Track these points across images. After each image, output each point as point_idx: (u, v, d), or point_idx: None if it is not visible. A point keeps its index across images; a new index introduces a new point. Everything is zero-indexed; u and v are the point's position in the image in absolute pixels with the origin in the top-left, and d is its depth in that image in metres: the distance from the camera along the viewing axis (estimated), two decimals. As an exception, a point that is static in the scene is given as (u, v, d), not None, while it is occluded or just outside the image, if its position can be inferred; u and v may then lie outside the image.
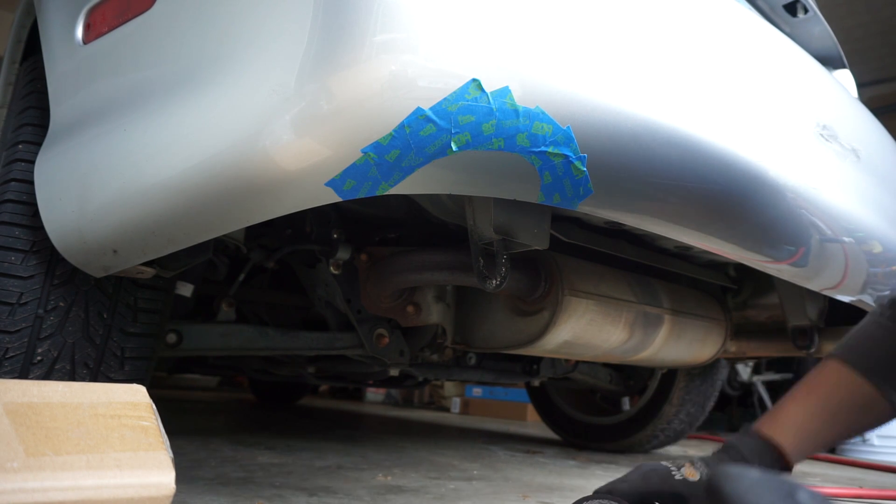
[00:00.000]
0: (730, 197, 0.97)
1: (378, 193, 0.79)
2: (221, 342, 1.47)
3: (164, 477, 0.69)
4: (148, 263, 1.03)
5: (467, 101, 0.74)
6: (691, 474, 0.73)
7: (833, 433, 0.75)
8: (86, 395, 0.72)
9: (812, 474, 2.23)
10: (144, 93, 0.90)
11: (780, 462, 0.72)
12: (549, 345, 1.38)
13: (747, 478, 0.48)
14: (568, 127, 0.79)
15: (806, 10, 1.53)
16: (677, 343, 1.63)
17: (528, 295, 1.35)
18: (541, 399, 2.70)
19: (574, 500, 0.65)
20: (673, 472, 0.74)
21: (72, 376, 1.06)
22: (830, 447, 0.81)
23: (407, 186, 0.80)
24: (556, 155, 0.80)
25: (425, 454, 1.97)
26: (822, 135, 1.19)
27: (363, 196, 0.79)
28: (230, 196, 0.81)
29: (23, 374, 1.02)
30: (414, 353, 1.54)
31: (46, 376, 1.04)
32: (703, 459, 0.76)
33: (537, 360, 2.03)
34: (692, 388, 2.27)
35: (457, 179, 0.81)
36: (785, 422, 0.74)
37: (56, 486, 0.63)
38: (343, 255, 1.40)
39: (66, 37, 1.06)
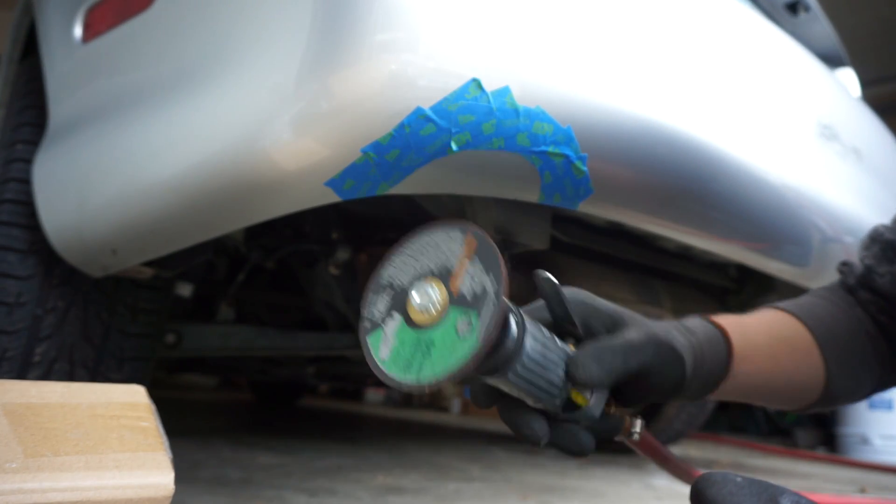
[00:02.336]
0: (730, 197, 0.97)
1: (378, 193, 0.79)
2: (221, 342, 1.47)
3: (163, 478, 0.69)
4: (147, 263, 1.02)
5: (467, 100, 0.74)
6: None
7: (772, 357, 0.66)
8: (85, 396, 0.71)
9: (813, 475, 2.23)
10: (143, 92, 0.90)
11: (725, 346, 0.63)
12: (549, 345, 1.38)
13: (730, 482, 0.48)
14: (568, 126, 0.79)
15: (807, 9, 1.53)
16: (678, 343, 1.62)
17: (529, 295, 1.35)
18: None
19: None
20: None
21: (70, 377, 1.06)
22: (773, 393, 0.71)
23: (407, 186, 0.79)
24: (556, 155, 0.80)
25: (425, 455, 1.97)
26: (823, 134, 1.18)
27: (363, 196, 0.79)
28: (229, 196, 0.81)
29: (21, 375, 1.02)
30: (414, 354, 1.54)
31: (45, 377, 1.04)
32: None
33: (537, 360, 2.03)
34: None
35: (457, 179, 0.81)
36: (724, 318, 0.66)
37: (55, 486, 0.63)
38: (343, 255, 1.40)
39: (64, 36, 1.05)
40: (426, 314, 0.43)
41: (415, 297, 0.44)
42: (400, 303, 0.45)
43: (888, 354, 0.71)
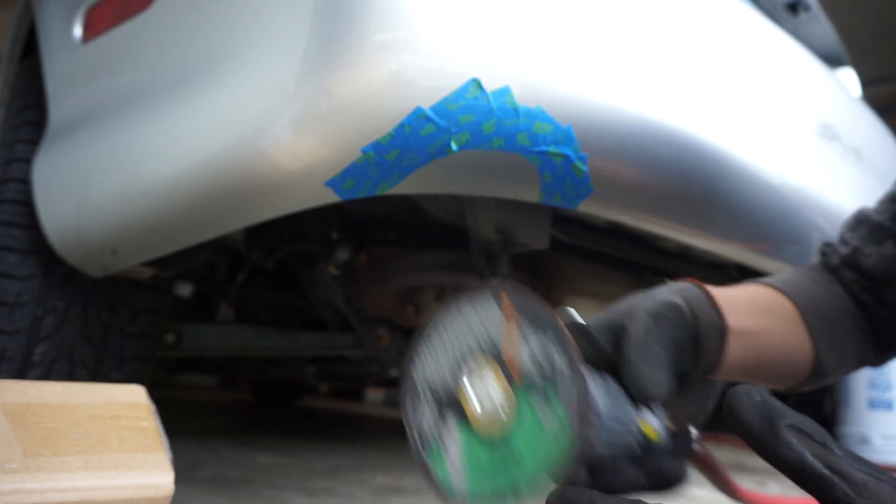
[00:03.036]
0: (731, 197, 0.97)
1: (378, 193, 0.79)
2: (221, 342, 1.47)
3: (163, 478, 0.69)
4: (147, 264, 1.02)
5: (467, 100, 0.74)
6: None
7: (762, 329, 0.67)
8: (84, 396, 0.71)
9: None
10: (143, 92, 0.90)
11: (716, 315, 0.61)
12: (549, 345, 1.38)
13: (745, 395, 0.48)
14: (568, 126, 0.79)
15: (807, 9, 1.53)
16: (678, 343, 1.62)
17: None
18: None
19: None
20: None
21: (70, 377, 1.06)
22: (764, 368, 0.70)
23: (407, 186, 0.79)
24: (556, 154, 0.80)
25: (425, 454, 1.96)
26: (823, 134, 1.18)
27: (363, 196, 0.79)
28: (229, 196, 0.81)
29: (21, 375, 1.02)
30: (414, 354, 1.54)
31: (45, 377, 1.04)
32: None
33: (537, 360, 2.03)
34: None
35: (457, 179, 0.81)
36: (716, 291, 0.67)
37: (54, 486, 0.63)
38: (343, 255, 1.40)
39: (64, 36, 1.05)
40: (495, 420, 0.35)
41: (473, 399, 0.36)
42: (450, 404, 0.37)
43: (868, 331, 0.72)
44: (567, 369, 0.33)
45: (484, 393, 0.35)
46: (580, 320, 0.44)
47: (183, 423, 2.45)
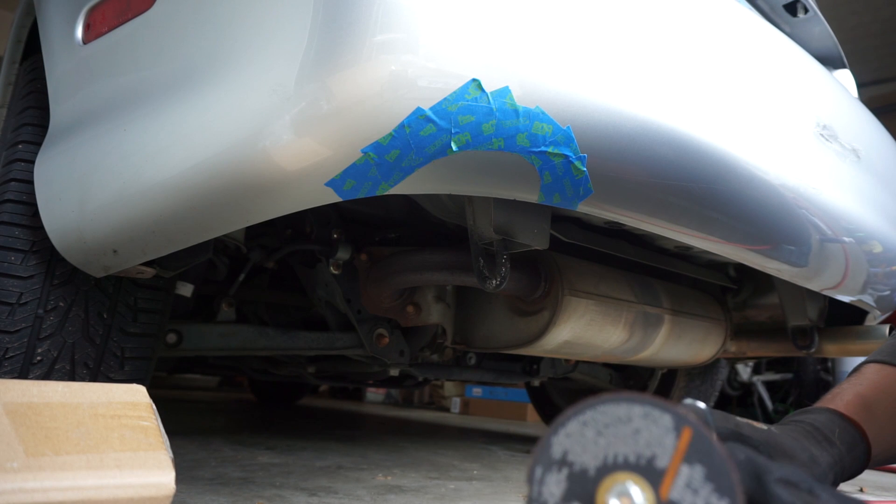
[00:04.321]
0: (730, 197, 0.97)
1: (378, 193, 0.79)
2: (221, 342, 1.47)
3: (164, 477, 0.69)
4: (148, 263, 1.03)
5: (467, 101, 0.74)
6: (757, 424, 0.60)
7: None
8: (86, 395, 0.72)
9: (812, 474, 2.22)
10: (144, 93, 0.90)
11: (860, 438, 0.63)
12: (549, 345, 1.38)
13: (733, 455, 0.50)
14: (568, 127, 0.79)
15: (806, 10, 1.53)
16: (677, 343, 1.63)
17: (528, 295, 1.35)
18: (541, 399, 2.70)
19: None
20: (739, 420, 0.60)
21: (72, 376, 1.06)
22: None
23: (407, 186, 0.80)
24: (556, 155, 0.80)
25: (425, 454, 1.97)
26: (822, 135, 1.19)
27: (363, 196, 0.79)
28: (230, 196, 0.81)
29: (22, 374, 1.02)
30: (414, 353, 1.54)
31: (46, 376, 1.04)
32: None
33: (537, 360, 2.03)
34: (692, 388, 2.27)
35: (457, 179, 0.81)
36: (848, 399, 0.65)
37: (56, 486, 0.63)
38: (343, 255, 1.40)
39: (65, 37, 1.06)
40: None
41: (611, 497, 0.35)
42: (583, 492, 0.36)
43: None
44: None
45: (626, 498, 0.34)
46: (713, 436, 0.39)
47: (183, 422, 2.46)
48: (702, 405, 0.46)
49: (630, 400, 0.37)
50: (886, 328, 1.65)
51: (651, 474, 0.34)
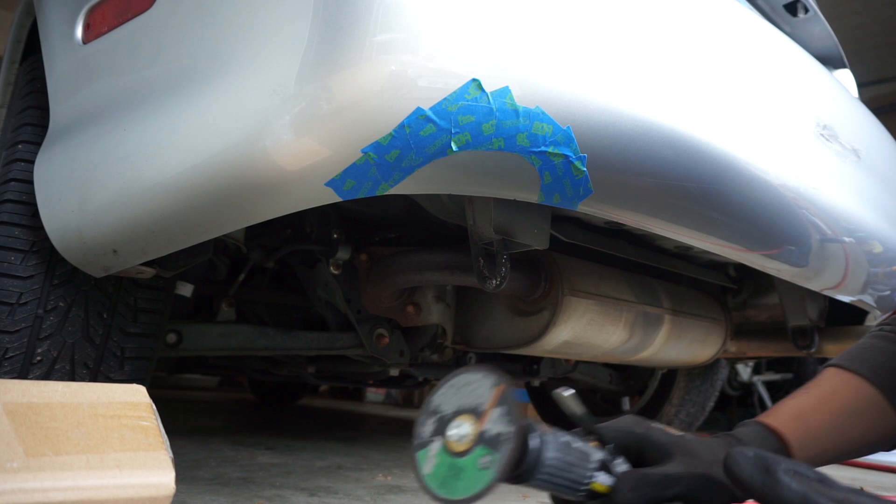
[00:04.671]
0: (730, 197, 0.97)
1: (378, 193, 0.79)
2: (221, 342, 1.47)
3: (163, 477, 0.69)
4: (148, 263, 1.03)
5: (467, 101, 0.74)
6: (671, 430, 0.69)
7: (836, 434, 0.72)
8: (85, 396, 0.72)
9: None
10: (144, 92, 0.90)
11: (780, 447, 0.68)
12: (549, 345, 1.38)
13: (741, 454, 0.54)
14: (568, 127, 0.79)
15: (806, 10, 1.53)
16: (677, 343, 1.63)
17: (529, 295, 1.35)
18: (541, 399, 2.70)
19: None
20: (655, 425, 0.72)
21: (71, 376, 1.06)
22: (843, 457, 0.75)
23: (407, 186, 0.80)
24: (556, 155, 0.80)
25: (425, 454, 1.97)
26: (822, 135, 1.19)
27: (363, 196, 0.79)
28: (230, 196, 0.81)
29: (22, 374, 1.02)
30: (414, 353, 1.54)
31: (46, 376, 1.04)
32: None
33: (537, 360, 2.03)
34: (692, 388, 2.27)
35: (457, 179, 0.81)
36: (786, 414, 0.71)
37: (56, 486, 0.63)
38: (343, 255, 1.40)
39: (65, 37, 1.06)
40: (459, 445, 0.55)
41: (452, 429, 0.55)
42: (441, 429, 0.56)
43: None
44: (510, 442, 0.52)
45: (459, 428, 0.55)
46: (567, 398, 0.64)
47: (183, 422, 2.46)
48: (568, 391, 0.63)
49: (474, 369, 0.57)
50: (886, 328, 1.65)
51: (477, 414, 0.55)
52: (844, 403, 0.71)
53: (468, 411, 0.55)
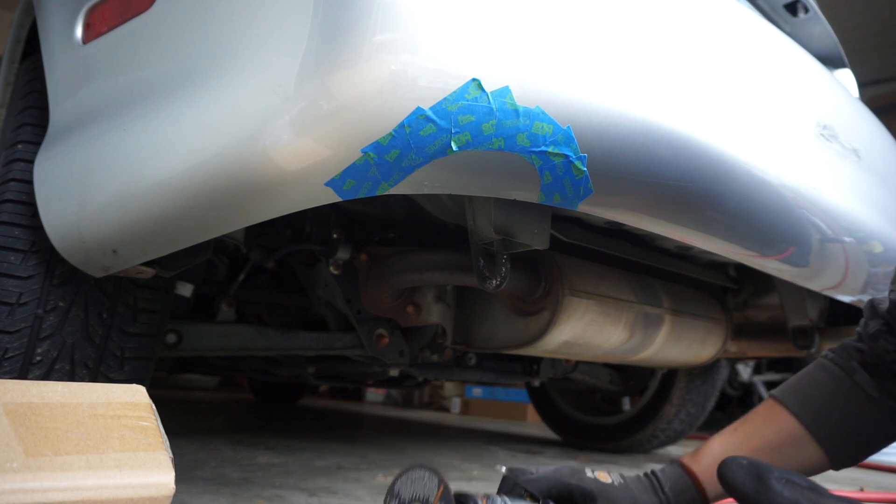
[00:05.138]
0: (730, 197, 0.97)
1: (378, 193, 0.79)
2: (221, 342, 1.47)
3: (163, 477, 0.69)
4: (148, 263, 1.03)
5: (467, 100, 0.74)
6: (604, 477, 0.80)
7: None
8: (85, 396, 0.72)
9: (812, 474, 2.22)
10: (144, 92, 0.90)
11: (695, 491, 0.74)
12: (549, 345, 1.38)
13: (734, 463, 0.58)
14: (568, 127, 0.79)
15: (806, 10, 1.53)
16: (677, 343, 1.63)
17: (529, 295, 1.35)
18: (541, 399, 2.70)
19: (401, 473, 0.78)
20: (586, 471, 0.81)
21: (71, 376, 1.06)
22: None
23: (407, 186, 0.80)
24: (556, 155, 0.80)
25: (425, 454, 1.97)
26: (822, 135, 1.18)
27: (363, 196, 0.79)
28: (230, 196, 0.81)
29: (22, 375, 1.02)
30: (414, 354, 1.54)
31: (46, 376, 1.04)
32: (620, 475, 0.82)
33: (537, 360, 2.03)
34: (692, 389, 2.27)
35: (457, 179, 0.81)
36: (706, 452, 0.77)
37: (55, 486, 0.63)
38: (343, 255, 1.40)
39: (65, 36, 1.06)
40: None
41: None
42: None
43: (889, 416, 0.75)
44: None
45: None
46: (509, 476, 0.80)
47: (183, 422, 2.46)
48: (503, 469, 0.82)
49: (424, 468, 0.74)
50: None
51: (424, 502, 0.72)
52: (766, 440, 0.75)
53: (419, 500, 0.72)
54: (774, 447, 0.74)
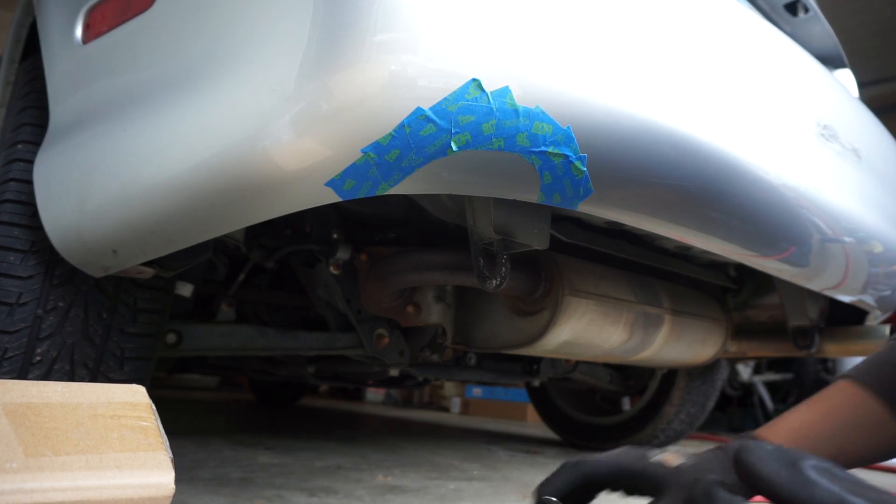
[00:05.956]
0: (730, 197, 0.97)
1: (378, 193, 0.79)
2: (221, 342, 1.47)
3: (163, 477, 0.69)
4: (147, 263, 1.03)
5: (467, 100, 0.74)
6: (672, 459, 0.69)
7: (836, 449, 0.71)
8: (85, 396, 0.72)
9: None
10: (144, 92, 0.90)
11: None
12: (549, 345, 1.38)
13: (761, 449, 0.50)
14: (568, 127, 0.79)
15: (807, 10, 1.53)
16: (677, 343, 1.63)
17: (529, 295, 1.35)
18: (541, 399, 2.70)
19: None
20: (650, 455, 0.72)
21: (71, 376, 1.06)
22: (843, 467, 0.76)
23: (407, 186, 0.79)
24: (556, 155, 0.80)
25: (425, 454, 1.97)
26: (822, 134, 1.18)
27: (363, 196, 0.79)
28: (230, 196, 0.81)
29: (22, 375, 1.02)
30: (414, 354, 1.54)
31: (45, 376, 1.04)
32: (692, 454, 0.75)
33: (537, 360, 2.03)
34: (692, 389, 2.27)
35: (457, 179, 0.81)
36: (781, 427, 0.72)
37: (55, 486, 0.63)
38: (343, 255, 1.40)
39: (65, 36, 1.06)
40: None
41: None
42: None
43: None
44: None
45: None
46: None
47: (183, 422, 2.46)
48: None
49: None
50: (887, 328, 1.65)
51: None
52: (847, 418, 0.70)
53: None
54: (856, 426, 0.70)
